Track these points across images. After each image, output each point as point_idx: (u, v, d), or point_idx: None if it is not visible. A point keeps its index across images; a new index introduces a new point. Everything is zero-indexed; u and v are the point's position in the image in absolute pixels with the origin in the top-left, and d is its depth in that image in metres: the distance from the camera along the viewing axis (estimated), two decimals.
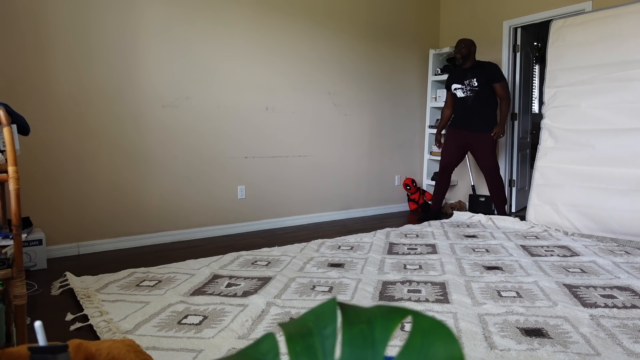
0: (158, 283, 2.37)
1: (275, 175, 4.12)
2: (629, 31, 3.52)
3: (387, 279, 2.45)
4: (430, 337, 0.40)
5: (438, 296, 2.18)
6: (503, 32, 4.86)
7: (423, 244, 3.29)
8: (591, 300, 2.11)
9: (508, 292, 2.24)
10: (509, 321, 1.87)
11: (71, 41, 3.04)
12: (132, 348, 0.81)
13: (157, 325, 1.83)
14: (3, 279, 1.28)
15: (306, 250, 3.10)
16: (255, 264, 2.76)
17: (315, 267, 2.68)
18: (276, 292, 2.22)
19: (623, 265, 2.73)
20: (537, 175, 3.94)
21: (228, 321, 1.87)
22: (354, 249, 3.13)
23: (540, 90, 7.34)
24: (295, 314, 1.93)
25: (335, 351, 0.45)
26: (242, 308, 2.00)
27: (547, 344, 1.66)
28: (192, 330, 1.79)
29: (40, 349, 0.63)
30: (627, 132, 3.44)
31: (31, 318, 1.92)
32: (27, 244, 2.72)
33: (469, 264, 2.75)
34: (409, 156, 5.31)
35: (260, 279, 2.44)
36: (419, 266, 2.71)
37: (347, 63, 4.59)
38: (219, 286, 2.32)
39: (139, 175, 3.36)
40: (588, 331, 1.77)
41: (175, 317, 1.92)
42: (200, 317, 1.91)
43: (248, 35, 3.85)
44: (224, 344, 1.65)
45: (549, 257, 2.92)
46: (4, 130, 1.31)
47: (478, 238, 3.52)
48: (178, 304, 2.06)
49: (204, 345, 1.65)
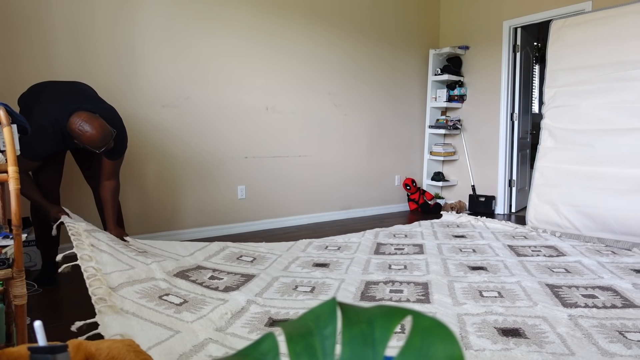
0: (144, 252, 2.34)
1: (275, 175, 4.12)
2: (629, 31, 3.52)
3: (370, 279, 2.44)
4: (430, 337, 0.40)
5: (419, 296, 2.18)
6: (503, 32, 4.86)
7: (411, 244, 3.28)
8: (572, 300, 2.11)
9: (490, 292, 2.24)
10: (487, 321, 1.86)
11: (71, 41, 3.04)
12: (131, 348, 0.81)
13: (139, 292, 1.86)
14: (3, 279, 1.28)
15: (293, 249, 3.08)
16: (240, 258, 2.73)
17: (300, 266, 2.67)
18: (258, 290, 2.20)
19: (608, 265, 2.73)
20: (537, 175, 3.94)
21: (207, 310, 1.87)
22: (341, 249, 3.12)
23: (540, 90, 7.34)
24: (275, 314, 1.92)
25: (335, 351, 0.45)
26: (222, 302, 1.99)
27: (523, 344, 1.65)
28: (172, 309, 1.81)
29: (40, 349, 0.63)
30: (627, 132, 3.44)
31: (31, 318, 1.92)
32: (27, 244, 2.72)
33: (454, 264, 2.74)
34: (409, 156, 5.31)
35: (243, 276, 2.41)
36: (404, 266, 2.70)
37: (347, 63, 4.59)
38: (202, 276, 2.30)
39: (139, 175, 3.36)
40: (565, 331, 1.76)
41: (157, 291, 1.94)
42: (181, 300, 1.92)
43: (248, 35, 3.85)
44: (201, 331, 1.66)
45: (535, 257, 2.92)
46: (4, 130, 1.31)
47: (466, 238, 3.51)
48: (161, 281, 2.06)
49: (182, 328, 1.66)
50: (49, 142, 2.20)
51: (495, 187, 4.98)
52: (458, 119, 5.27)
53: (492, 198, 4.94)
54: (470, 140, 5.23)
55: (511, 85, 4.90)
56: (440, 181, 5.25)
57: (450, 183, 5.33)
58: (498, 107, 4.95)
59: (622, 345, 1.63)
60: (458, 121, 5.22)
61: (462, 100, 5.27)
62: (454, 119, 5.26)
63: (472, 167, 5.19)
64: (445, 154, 5.23)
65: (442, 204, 5.14)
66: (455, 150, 5.36)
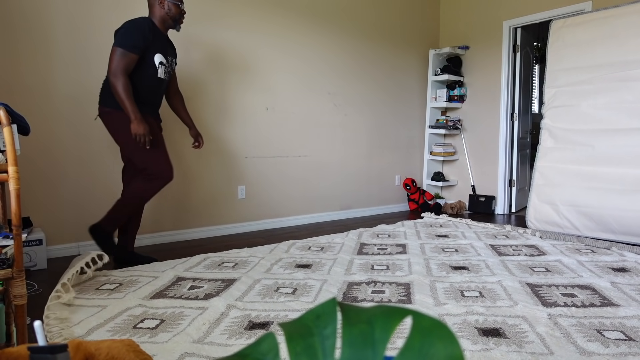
0: (119, 286, 2.32)
1: (275, 175, 4.12)
2: (629, 31, 3.52)
3: (352, 280, 2.44)
4: (430, 337, 0.40)
5: (401, 297, 2.18)
6: (503, 32, 4.86)
7: (394, 244, 3.29)
8: (551, 300, 2.13)
9: (471, 292, 2.25)
10: (468, 321, 1.87)
11: (71, 41, 3.04)
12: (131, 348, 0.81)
13: (111, 329, 1.79)
14: (3, 279, 1.28)
15: (276, 251, 3.08)
16: (222, 265, 2.72)
17: (282, 268, 2.66)
18: (239, 294, 2.18)
19: (587, 264, 2.77)
20: (537, 175, 3.94)
21: (185, 325, 1.82)
22: (323, 250, 3.12)
23: (540, 90, 7.34)
24: (255, 317, 1.91)
25: (335, 351, 0.45)
26: (201, 311, 1.97)
27: (503, 344, 1.66)
28: (147, 334, 1.74)
29: (40, 349, 0.63)
30: (627, 132, 3.44)
31: (31, 318, 1.92)
32: (27, 244, 2.71)
33: (437, 264, 2.75)
34: (409, 156, 5.31)
35: (224, 281, 2.40)
36: (386, 267, 2.70)
37: (347, 63, 4.59)
38: (181, 289, 2.28)
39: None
40: (544, 330, 1.77)
41: (132, 321, 1.87)
42: (157, 321, 1.87)
43: (248, 35, 3.85)
44: (177, 348, 1.62)
45: (516, 257, 2.95)
46: (4, 130, 1.31)
47: (449, 238, 3.54)
48: (136, 308, 2.01)
49: (156, 350, 1.61)
50: (144, 32, 2.55)
51: (495, 187, 4.98)
52: (458, 119, 5.27)
53: (492, 198, 4.94)
54: (470, 140, 5.23)
55: (511, 85, 4.90)
56: (440, 181, 5.25)
57: (450, 183, 5.33)
58: (498, 107, 4.95)
59: (600, 344, 1.65)
60: (458, 121, 5.22)
61: (462, 100, 5.28)
62: (454, 119, 5.26)
63: (472, 167, 5.19)
64: (445, 154, 5.23)
65: (442, 204, 5.14)
66: (455, 150, 5.36)
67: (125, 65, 2.49)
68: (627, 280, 2.43)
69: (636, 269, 2.68)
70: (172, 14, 2.69)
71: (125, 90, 2.48)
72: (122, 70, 2.48)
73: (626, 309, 2.00)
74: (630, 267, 2.71)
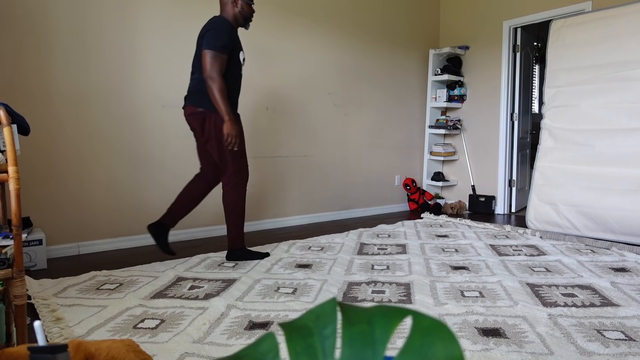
0: (119, 286, 2.32)
1: (275, 175, 4.12)
2: (629, 31, 3.52)
3: (353, 280, 2.44)
4: (430, 337, 0.40)
5: (401, 297, 2.18)
6: (503, 32, 4.86)
7: (394, 244, 3.29)
8: (551, 300, 2.13)
9: (471, 292, 2.25)
10: (468, 321, 1.87)
11: (70, 41, 3.04)
12: (131, 348, 0.81)
13: (111, 329, 1.79)
14: (3, 279, 1.28)
15: (276, 250, 3.08)
16: (222, 265, 2.73)
17: (283, 268, 2.66)
18: (239, 294, 2.18)
19: (587, 264, 2.77)
20: (537, 175, 3.94)
21: (185, 325, 1.82)
22: (324, 250, 3.12)
23: (540, 90, 7.34)
24: (255, 317, 1.91)
25: (335, 351, 0.45)
26: (201, 311, 1.97)
27: (503, 344, 1.66)
28: (147, 334, 1.74)
29: (40, 349, 0.63)
30: (627, 132, 3.44)
31: (31, 318, 1.92)
32: (27, 244, 2.72)
33: (437, 264, 2.75)
34: (409, 156, 5.31)
35: (224, 281, 2.40)
36: (386, 267, 2.70)
37: (347, 63, 4.59)
38: (181, 289, 2.28)
39: (139, 175, 3.36)
40: (544, 330, 1.77)
41: (132, 321, 1.87)
42: (158, 321, 1.87)
43: (248, 35, 3.85)
44: (177, 348, 1.62)
45: (516, 257, 2.95)
46: (4, 130, 1.31)
47: (449, 238, 3.54)
48: (136, 308, 2.01)
49: (156, 350, 1.61)
50: (230, 32, 2.59)
51: (495, 187, 4.98)
52: (458, 119, 5.27)
53: (492, 198, 4.94)
54: (470, 140, 5.23)
55: (511, 85, 4.90)
56: (440, 181, 5.25)
57: (450, 183, 5.33)
58: (498, 107, 4.95)
59: (600, 344, 1.65)
60: (458, 121, 5.22)
61: (462, 100, 5.28)
62: (454, 119, 5.26)
63: (472, 167, 5.19)
64: (445, 154, 5.23)
65: (442, 204, 5.14)
66: (455, 150, 5.36)
67: (219, 66, 2.55)
68: (627, 280, 2.44)
69: (636, 269, 2.68)
70: (244, 13, 2.74)
71: (221, 92, 2.53)
72: (217, 72, 2.53)
73: (626, 309, 2.00)
74: (630, 267, 2.71)
